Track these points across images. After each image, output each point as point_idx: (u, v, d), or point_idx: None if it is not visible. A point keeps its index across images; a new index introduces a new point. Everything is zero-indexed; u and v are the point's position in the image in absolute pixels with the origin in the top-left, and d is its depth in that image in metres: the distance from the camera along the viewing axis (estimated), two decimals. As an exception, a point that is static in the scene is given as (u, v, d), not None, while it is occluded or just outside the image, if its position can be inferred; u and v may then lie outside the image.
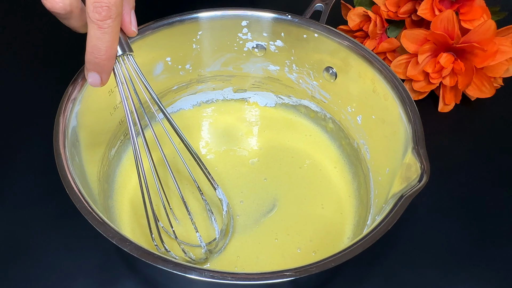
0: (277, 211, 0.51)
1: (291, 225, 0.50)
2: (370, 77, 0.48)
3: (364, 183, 0.51)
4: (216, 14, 0.51)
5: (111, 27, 0.36)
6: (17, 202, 0.52)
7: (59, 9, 0.35)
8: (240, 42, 0.54)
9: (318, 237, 0.49)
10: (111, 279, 0.47)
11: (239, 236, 0.49)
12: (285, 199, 0.52)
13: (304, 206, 0.51)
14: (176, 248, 0.46)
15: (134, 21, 0.40)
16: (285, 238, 0.49)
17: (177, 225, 0.49)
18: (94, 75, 0.39)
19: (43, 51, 0.66)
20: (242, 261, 0.47)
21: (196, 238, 0.45)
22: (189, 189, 0.51)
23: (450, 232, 0.51)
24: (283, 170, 0.54)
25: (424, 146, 0.41)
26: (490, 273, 0.49)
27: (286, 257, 0.47)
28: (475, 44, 0.54)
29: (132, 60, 0.41)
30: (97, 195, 0.45)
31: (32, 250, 0.48)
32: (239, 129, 0.58)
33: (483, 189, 0.55)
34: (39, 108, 0.59)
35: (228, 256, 0.47)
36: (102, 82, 0.39)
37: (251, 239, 0.49)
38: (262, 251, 0.48)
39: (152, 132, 0.44)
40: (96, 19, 0.35)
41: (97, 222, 0.36)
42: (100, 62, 0.38)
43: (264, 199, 0.52)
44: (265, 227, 0.50)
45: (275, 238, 0.49)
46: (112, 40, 0.37)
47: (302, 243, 0.48)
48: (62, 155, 0.40)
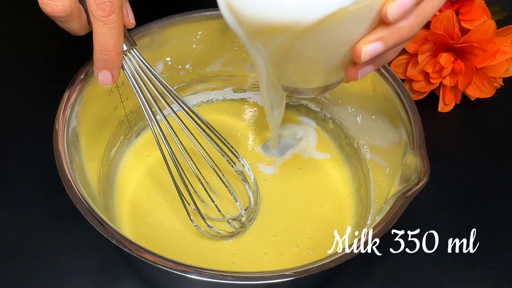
0: (276, 209, 0.51)
1: (289, 222, 0.50)
2: (370, 77, 0.48)
3: (364, 183, 0.51)
4: (216, 14, 0.51)
5: (116, 22, 0.37)
6: (17, 202, 0.52)
7: (60, 12, 0.35)
8: (240, 42, 0.54)
9: (316, 236, 0.49)
10: (111, 279, 0.47)
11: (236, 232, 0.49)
12: (284, 198, 0.52)
13: (302, 205, 0.51)
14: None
15: (131, 12, 0.41)
16: (283, 236, 0.49)
17: (205, 205, 0.50)
18: (105, 73, 0.39)
19: (43, 51, 0.66)
20: (239, 258, 0.47)
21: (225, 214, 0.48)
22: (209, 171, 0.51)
23: (450, 232, 0.51)
24: (282, 170, 0.54)
25: (424, 146, 0.41)
26: (490, 273, 0.49)
27: (284, 254, 0.48)
28: (475, 44, 0.54)
29: (137, 53, 0.42)
30: (97, 195, 0.45)
31: (32, 250, 0.48)
32: (239, 129, 0.58)
33: (483, 189, 0.55)
34: (39, 108, 0.59)
35: (225, 252, 0.48)
36: (113, 79, 0.40)
37: (250, 236, 0.49)
38: (260, 248, 0.48)
39: (165, 122, 0.44)
40: (101, 16, 0.36)
41: (97, 222, 0.36)
42: (110, 58, 0.38)
43: (263, 198, 0.52)
44: (263, 225, 0.50)
45: (274, 235, 0.49)
46: (119, 34, 0.38)
47: (300, 241, 0.48)
48: (62, 155, 0.40)
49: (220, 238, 0.48)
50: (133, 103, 0.52)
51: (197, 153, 0.47)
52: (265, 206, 0.51)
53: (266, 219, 0.50)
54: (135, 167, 0.54)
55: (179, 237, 0.48)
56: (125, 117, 0.52)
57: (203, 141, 0.47)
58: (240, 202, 0.48)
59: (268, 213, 0.51)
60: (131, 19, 0.41)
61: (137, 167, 0.54)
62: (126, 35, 0.40)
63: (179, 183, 0.45)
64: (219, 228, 0.48)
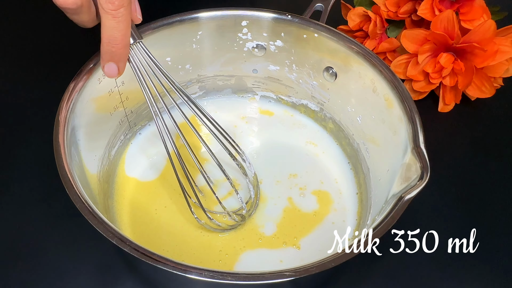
0: (275, 208, 0.51)
1: (289, 223, 0.50)
2: (370, 77, 0.48)
3: (364, 183, 0.51)
4: (216, 14, 0.51)
5: (124, 15, 0.37)
6: (17, 202, 0.52)
7: (71, 4, 0.36)
8: (240, 42, 0.54)
9: (316, 236, 0.49)
10: (111, 279, 0.47)
11: (236, 233, 0.49)
12: (283, 197, 0.52)
13: (302, 205, 0.51)
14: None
15: (138, 8, 0.42)
16: (283, 236, 0.49)
17: (204, 197, 0.51)
18: (112, 65, 0.40)
19: (44, 51, 0.66)
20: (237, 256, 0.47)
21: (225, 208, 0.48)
22: (212, 165, 0.52)
23: (450, 232, 0.51)
24: (282, 170, 0.54)
25: (424, 146, 0.41)
26: (490, 273, 0.49)
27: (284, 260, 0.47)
28: (475, 44, 0.54)
29: (143, 47, 0.42)
30: (97, 195, 0.45)
31: (32, 250, 0.48)
32: (239, 129, 0.58)
33: (483, 189, 0.55)
34: (39, 108, 0.59)
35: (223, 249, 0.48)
36: (119, 72, 0.41)
37: (249, 235, 0.49)
38: (260, 247, 0.48)
39: (168, 115, 0.45)
40: (110, 9, 0.37)
41: (97, 222, 0.36)
42: (116, 51, 0.39)
43: (262, 197, 0.52)
44: (262, 224, 0.50)
45: (273, 235, 0.49)
46: (126, 27, 0.38)
47: (300, 241, 0.48)
48: (62, 155, 0.40)
49: (220, 230, 0.48)
50: (133, 103, 0.52)
51: (199, 147, 0.47)
52: (265, 206, 0.51)
53: (265, 219, 0.50)
54: (135, 167, 0.54)
55: (179, 237, 0.48)
56: (125, 117, 0.52)
57: (206, 135, 0.47)
58: (241, 195, 0.48)
59: (267, 213, 0.51)
60: (139, 14, 0.42)
61: (137, 167, 0.54)
62: (133, 28, 0.41)
63: (181, 176, 0.46)
64: (219, 221, 0.48)
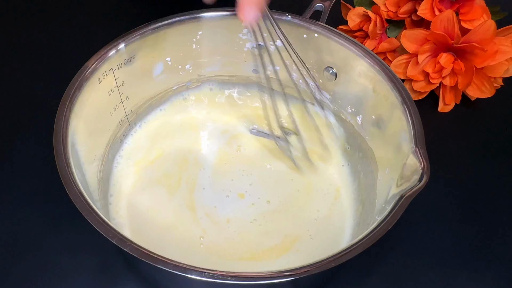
0: (275, 209, 0.51)
1: (288, 224, 0.50)
2: (370, 77, 0.48)
3: (364, 183, 0.51)
4: (216, 14, 0.51)
5: None
6: (17, 202, 0.52)
7: None
8: (240, 42, 0.54)
9: (315, 236, 0.49)
10: (111, 279, 0.47)
11: (235, 233, 0.49)
12: (283, 197, 0.52)
13: (302, 205, 0.51)
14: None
15: None
16: (283, 237, 0.49)
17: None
18: (252, 9, 0.42)
19: (44, 51, 0.66)
20: (239, 257, 0.47)
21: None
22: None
23: (450, 232, 0.51)
24: (282, 169, 0.54)
25: (424, 146, 0.41)
26: (490, 274, 0.49)
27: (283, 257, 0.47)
28: (475, 44, 0.54)
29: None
30: (97, 195, 0.45)
31: (32, 250, 0.48)
32: (238, 129, 0.58)
33: (483, 189, 0.55)
34: (39, 108, 0.59)
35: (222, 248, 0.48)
36: (256, 16, 0.43)
37: (248, 235, 0.49)
38: (259, 247, 0.48)
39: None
40: None
41: (97, 222, 0.36)
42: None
43: (262, 197, 0.52)
44: (263, 225, 0.50)
45: (273, 235, 0.49)
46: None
47: (300, 242, 0.48)
48: (62, 155, 0.40)
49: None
50: (133, 103, 0.52)
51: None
52: (264, 205, 0.51)
53: (265, 220, 0.50)
54: (134, 167, 0.53)
55: (179, 237, 0.48)
56: (125, 117, 0.52)
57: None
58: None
59: (266, 213, 0.51)
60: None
61: (137, 167, 0.54)
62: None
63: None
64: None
